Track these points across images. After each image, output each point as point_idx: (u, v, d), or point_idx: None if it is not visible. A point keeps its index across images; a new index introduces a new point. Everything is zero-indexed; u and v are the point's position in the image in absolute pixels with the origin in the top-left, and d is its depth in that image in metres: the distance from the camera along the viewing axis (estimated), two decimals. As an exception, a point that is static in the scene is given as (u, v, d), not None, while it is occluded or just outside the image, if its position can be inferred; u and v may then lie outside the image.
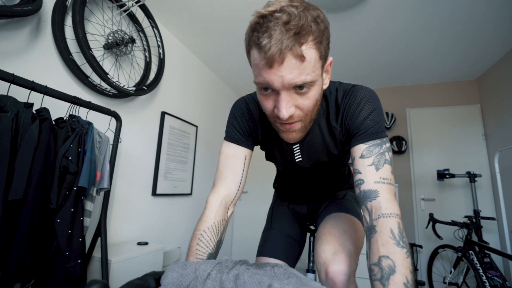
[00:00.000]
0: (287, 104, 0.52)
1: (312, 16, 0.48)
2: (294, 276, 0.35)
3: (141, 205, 1.95)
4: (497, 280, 1.94)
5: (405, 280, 0.42)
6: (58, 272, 1.05)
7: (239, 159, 0.72)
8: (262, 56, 0.47)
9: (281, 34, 0.45)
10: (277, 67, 0.47)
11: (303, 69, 0.48)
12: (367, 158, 0.57)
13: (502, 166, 2.40)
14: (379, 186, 0.54)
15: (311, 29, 0.47)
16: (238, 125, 0.74)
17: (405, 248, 0.46)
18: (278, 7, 0.46)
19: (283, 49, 0.45)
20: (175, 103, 2.39)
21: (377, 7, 1.90)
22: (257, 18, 0.48)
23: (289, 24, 0.45)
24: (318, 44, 0.49)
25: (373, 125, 0.59)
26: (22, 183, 0.91)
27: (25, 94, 1.06)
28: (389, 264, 0.44)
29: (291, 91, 0.51)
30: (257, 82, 0.53)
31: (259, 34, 0.47)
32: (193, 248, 0.59)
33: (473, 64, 2.70)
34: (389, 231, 0.48)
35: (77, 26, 1.37)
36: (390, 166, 0.56)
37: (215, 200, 0.67)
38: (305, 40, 0.47)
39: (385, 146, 0.58)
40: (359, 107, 0.61)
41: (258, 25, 0.47)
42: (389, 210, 0.51)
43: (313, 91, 0.53)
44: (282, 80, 0.49)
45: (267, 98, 0.55)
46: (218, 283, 0.35)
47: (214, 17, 2.09)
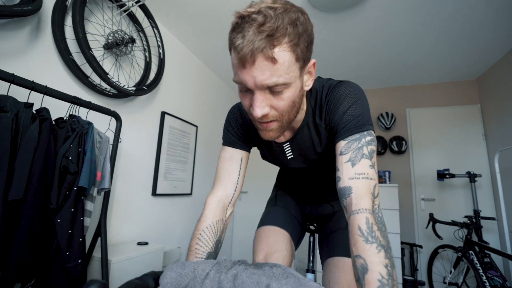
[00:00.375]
0: (260, 103, 0.53)
1: (290, 18, 0.48)
2: (293, 276, 0.35)
3: (141, 205, 1.95)
4: (497, 280, 1.94)
5: (379, 276, 0.41)
6: (59, 272, 1.06)
7: (235, 160, 0.74)
8: (236, 55, 0.48)
9: (253, 35, 0.46)
10: (249, 67, 0.48)
11: (274, 71, 0.49)
12: (345, 154, 0.56)
13: (502, 166, 2.40)
14: (353, 182, 0.53)
15: (287, 31, 0.47)
16: (232, 130, 0.77)
17: (375, 242, 0.45)
18: (257, 9, 0.47)
19: (254, 49, 0.46)
20: (175, 103, 2.39)
21: (377, 7, 1.90)
22: (237, 18, 0.49)
23: (263, 26, 0.46)
24: (294, 46, 0.49)
25: (351, 120, 0.59)
26: (22, 183, 0.91)
27: (25, 94, 1.06)
28: (361, 263, 0.44)
29: (265, 91, 0.52)
30: (234, 81, 0.54)
31: (235, 34, 0.48)
32: (192, 247, 0.60)
33: (473, 64, 2.70)
34: (357, 229, 0.48)
35: (77, 26, 1.37)
36: (368, 160, 0.54)
37: (212, 201, 0.69)
38: (278, 42, 0.47)
39: (364, 140, 0.56)
40: (338, 103, 0.61)
41: (237, 25, 0.48)
42: (357, 206, 0.50)
43: (288, 93, 0.54)
44: (254, 80, 0.49)
45: (244, 97, 0.56)
46: (216, 283, 0.36)
47: (214, 17, 2.09)
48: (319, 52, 2.54)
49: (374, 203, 0.52)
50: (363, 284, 0.42)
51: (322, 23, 2.09)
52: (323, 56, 2.62)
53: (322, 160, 0.77)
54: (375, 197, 0.52)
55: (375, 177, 0.54)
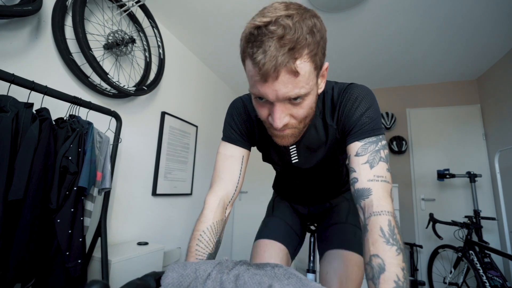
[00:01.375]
0: (281, 114, 0.52)
1: (308, 26, 0.47)
2: (295, 276, 0.35)
3: (141, 205, 1.95)
4: (497, 280, 1.94)
5: (396, 277, 0.42)
6: (58, 272, 1.06)
7: (237, 159, 0.72)
8: (257, 71, 0.47)
9: (275, 50, 0.44)
10: (271, 82, 0.47)
11: (297, 83, 0.48)
12: (362, 156, 0.56)
13: (502, 166, 2.40)
14: (372, 184, 0.53)
15: (306, 42, 0.46)
16: (235, 125, 0.74)
17: (395, 245, 0.45)
18: (273, 18, 0.45)
19: (277, 65, 0.45)
20: (175, 103, 2.39)
21: (377, 7, 1.90)
22: (252, 29, 0.47)
23: (283, 39, 0.44)
24: (313, 56, 0.49)
25: (369, 122, 0.59)
26: (22, 183, 0.91)
27: (25, 94, 1.06)
28: (379, 262, 0.44)
29: (285, 102, 0.52)
30: (252, 93, 0.53)
31: (254, 49, 0.46)
32: (192, 248, 0.59)
33: (473, 64, 2.70)
34: (378, 230, 0.48)
35: (77, 26, 1.37)
36: (385, 164, 0.55)
37: (213, 200, 0.67)
38: (299, 54, 0.46)
39: (380, 143, 0.57)
40: (355, 105, 0.61)
41: (253, 37, 0.47)
42: (380, 208, 0.50)
43: (307, 101, 0.54)
44: (276, 94, 0.49)
45: (262, 106, 0.56)
46: (218, 283, 0.35)
47: (214, 17, 2.09)
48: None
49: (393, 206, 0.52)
50: (377, 283, 0.43)
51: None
52: (323, 56, 2.62)
53: (326, 161, 0.77)
54: (392, 201, 0.53)
55: (391, 181, 0.55)
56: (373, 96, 0.62)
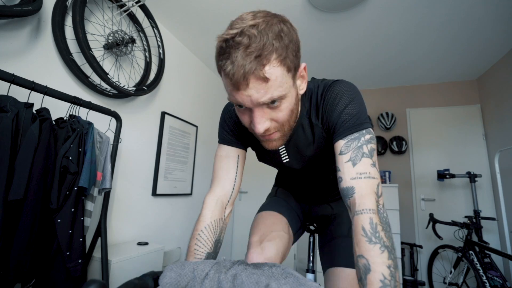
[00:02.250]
0: (260, 119, 0.53)
1: (274, 32, 0.48)
2: (292, 275, 0.36)
3: (141, 205, 1.96)
4: (497, 280, 1.94)
5: (381, 277, 0.41)
6: (59, 272, 1.06)
7: (232, 158, 0.74)
8: (229, 81, 0.49)
9: (242, 60, 0.46)
10: (244, 89, 0.48)
11: (268, 88, 0.49)
12: (345, 154, 0.56)
13: (502, 166, 2.40)
14: (355, 182, 0.53)
15: (273, 47, 0.47)
16: (227, 127, 0.76)
17: (378, 243, 0.45)
18: (240, 29, 0.47)
19: (246, 73, 0.46)
20: (175, 103, 2.39)
21: (377, 7, 1.90)
22: (221, 42, 0.49)
23: (249, 48, 0.46)
24: (283, 60, 0.49)
25: (349, 118, 0.58)
26: (22, 183, 0.91)
27: (25, 94, 1.06)
28: (364, 263, 0.44)
29: (263, 106, 0.52)
30: (230, 101, 0.54)
31: (223, 61, 0.48)
32: (191, 248, 0.59)
33: (473, 64, 2.70)
34: (360, 229, 0.48)
35: (77, 26, 1.37)
36: (369, 159, 0.54)
37: (211, 200, 0.68)
38: (267, 60, 0.47)
39: (363, 138, 0.56)
40: (335, 102, 0.61)
41: (222, 50, 0.48)
42: (361, 207, 0.50)
43: (285, 103, 0.54)
44: (250, 100, 0.50)
45: (243, 114, 0.57)
46: (216, 283, 0.36)
47: (214, 17, 2.09)
48: (318, 51, 2.54)
49: (378, 202, 0.51)
50: (365, 284, 0.42)
51: (321, 23, 2.09)
52: (322, 55, 2.62)
53: (318, 160, 0.77)
54: (379, 197, 0.52)
55: (377, 176, 0.54)
56: (355, 91, 0.62)
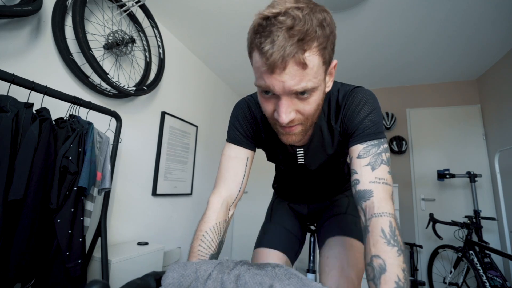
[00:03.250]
0: (287, 109, 0.51)
1: (318, 19, 0.46)
2: (295, 276, 0.35)
3: (141, 205, 1.95)
4: (497, 280, 1.94)
5: (396, 278, 0.42)
6: (58, 272, 1.05)
7: (241, 160, 0.72)
8: (264, 61, 0.46)
9: (284, 41, 0.44)
10: (278, 73, 0.46)
11: (304, 76, 0.47)
12: (364, 158, 0.56)
13: (502, 166, 2.40)
14: (374, 186, 0.53)
15: (316, 34, 0.45)
16: (240, 127, 0.73)
17: (396, 246, 0.46)
18: (283, 9, 0.44)
19: (285, 56, 0.44)
20: (175, 103, 2.39)
21: (377, 7, 1.90)
22: (260, 20, 0.46)
23: (292, 30, 0.44)
24: (322, 50, 0.48)
25: (371, 125, 0.59)
26: (22, 183, 0.91)
27: (25, 94, 1.06)
28: (380, 263, 0.44)
29: (291, 96, 0.51)
30: (258, 85, 0.52)
31: (262, 39, 0.45)
32: (195, 249, 0.58)
33: (473, 64, 2.70)
34: (380, 231, 0.48)
35: (77, 26, 1.37)
36: (387, 167, 0.56)
37: (216, 201, 0.66)
38: (308, 46, 0.45)
39: (382, 146, 0.57)
40: (358, 108, 0.62)
41: (261, 28, 0.46)
42: (381, 210, 0.51)
43: (315, 97, 0.53)
44: (283, 86, 0.48)
45: (267, 101, 0.55)
46: (219, 283, 0.35)
47: (214, 17, 2.09)
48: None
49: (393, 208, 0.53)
50: (377, 283, 0.43)
51: (322, 23, 2.09)
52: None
53: (330, 162, 0.77)
54: (393, 203, 0.54)
55: (392, 184, 0.56)
56: (376, 101, 0.63)
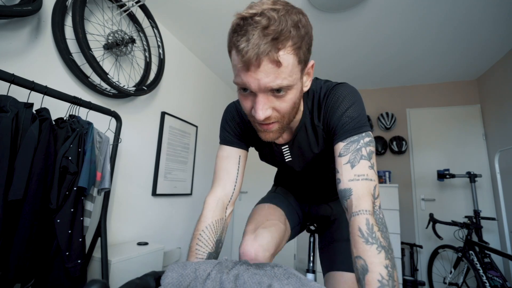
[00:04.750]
0: (263, 106, 0.52)
1: (293, 21, 0.48)
2: (294, 276, 0.35)
3: (141, 205, 1.95)
4: (497, 280, 1.94)
5: (379, 277, 0.42)
6: (58, 272, 1.05)
7: (233, 159, 0.74)
8: (240, 58, 0.48)
9: (258, 39, 0.45)
10: (253, 70, 0.48)
11: (279, 74, 0.49)
12: (344, 156, 0.56)
13: (502, 166, 2.40)
14: (353, 184, 0.53)
15: (290, 34, 0.47)
16: (229, 128, 0.76)
17: (375, 243, 0.45)
18: (259, 10, 0.46)
19: (259, 53, 0.46)
20: (175, 103, 2.39)
21: (376, 7, 1.90)
22: (238, 20, 0.48)
23: (267, 29, 0.45)
24: (297, 49, 0.49)
25: (349, 121, 0.59)
26: (22, 183, 0.91)
27: (25, 94, 1.06)
28: (362, 264, 0.45)
29: (268, 93, 0.52)
30: (236, 82, 0.53)
31: (238, 37, 0.47)
32: (193, 248, 0.60)
33: (473, 64, 2.70)
34: (357, 230, 0.48)
35: (77, 26, 1.37)
36: (367, 161, 0.55)
37: (212, 200, 0.69)
38: (283, 45, 0.47)
39: (362, 141, 0.57)
40: (336, 104, 0.62)
41: (238, 27, 0.48)
42: (358, 208, 0.50)
43: (290, 95, 0.54)
44: (258, 83, 0.49)
45: (245, 98, 0.56)
46: (218, 283, 0.35)
47: (214, 17, 2.09)
48: (318, 51, 2.54)
49: (374, 204, 0.52)
50: (363, 284, 0.43)
51: (321, 23, 2.09)
52: (323, 55, 2.62)
53: (318, 161, 0.77)
54: (376, 198, 0.53)
55: (375, 178, 0.55)
56: (356, 95, 0.62)
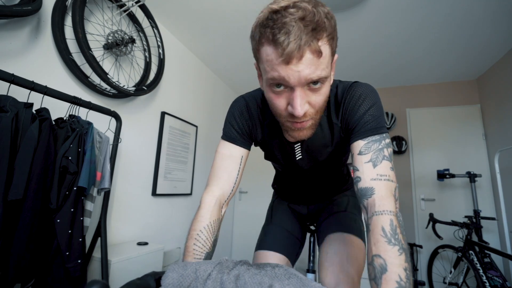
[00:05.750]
0: (301, 100, 0.51)
1: (324, 12, 0.48)
2: (295, 276, 0.35)
3: (141, 205, 1.95)
4: (497, 280, 1.94)
5: (398, 278, 0.41)
6: (58, 272, 1.05)
7: (235, 159, 0.71)
8: (280, 52, 0.46)
9: (299, 30, 0.45)
10: (295, 63, 0.47)
11: (319, 65, 0.48)
12: (365, 154, 0.56)
13: (502, 166, 2.40)
14: (375, 183, 0.52)
15: (325, 25, 0.47)
16: (236, 124, 0.72)
17: (397, 245, 0.45)
18: (291, 3, 0.46)
19: (302, 45, 0.45)
20: (175, 103, 2.39)
21: (376, 7, 1.90)
22: (269, 13, 0.47)
23: (305, 20, 0.45)
24: (331, 40, 0.49)
25: (372, 120, 0.58)
26: (22, 183, 0.91)
27: (25, 94, 1.06)
28: (381, 263, 0.44)
29: (305, 87, 0.51)
30: (271, 78, 0.51)
31: (275, 31, 0.46)
32: (190, 248, 0.58)
33: (473, 64, 2.70)
34: (380, 229, 0.47)
35: (77, 26, 1.37)
36: (389, 163, 0.54)
37: (209, 200, 0.66)
38: (321, 36, 0.47)
39: (384, 142, 0.56)
40: (358, 102, 0.61)
41: (271, 21, 0.46)
42: (382, 208, 0.50)
43: (325, 87, 0.54)
44: (299, 76, 0.48)
45: (279, 96, 0.54)
46: (218, 283, 0.35)
47: (214, 17, 2.09)
48: (319, 52, 2.54)
49: (396, 206, 0.51)
50: (379, 283, 0.42)
51: (322, 23, 2.09)
52: (323, 56, 2.62)
53: (329, 159, 0.76)
54: (396, 200, 0.52)
55: (395, 180, 0.54)
56: (377, 94, 0.62)
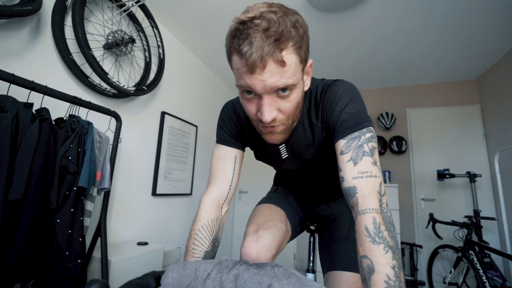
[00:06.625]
0: (269, 108, 0.52)
1: (291, 21, 0.48)
2: (294, 276, 0.35)
3: (141, 205, 1.95)
4: (497, 280, 1.94)
5: (386, 277, 0.41)
6: (58, 272, 1.05)
7: (229, 159, 0.74)
8: (244, 62, 0.48)
9: (261, 41, 0.46)
10: (259, 72, 0.48)
11: (284, 73, 0.49)
12: (346, 153, 0.56)
13: (502, 166, 2.40)
14: (357, 181, 0.52)
15: (291, 34, 0.48)
16: (226, 127, 0.76)
17: (382, 243, 0.44)
18: (258, 13, 0.47)
19: (264, 55, 0.46)
20: (175, 103, 2.39)
21: (376, 7, 1.90)
22: (237, 24, 0.48)
23: (268, 31, 0.46)
24: (298, 49, 0.50)
25: (349, 118, 0.58)
26: (22, 183, 0.91)
27: (25, 94, 1.06)
28: (368, 263, 0.44)
29: (273, 94, 0.52)
30: (239, 86, 0.53)
31: (240, 41, 0.47)
32: (189, 247, 0.60)
33: (473, 64, 2.70)
34: (364, 229, 0.47)
35: (77, 26, 1.37)
36: (370, 158, 0.54)
37: (207, 200, 0.69)
38: (285, 46, 0.48)
39: (364, 137, 0.56)
40: (334, 102, 0.61)
41: (238, 32, 0.48)
42: (364, 206, 0.49)
43: (294, 94, 0.54)
44: (264, 84, 0.49)
45: (249, 102, 0.56)
46: (218, 283, 0.35)
47: (214, 17, 2.09)
48: (318, 51, 2.54)
49: (381, 201, 0.51)
50: (369, 285, 0.42)
51: (321, 22, 2.09)
52: (322, 55, 2.62)
53: (317, 160, 0.77)
54: (382, 196, 0.52)
55: (379, 175, 0.53)
56: (354, 91, 0.62)
